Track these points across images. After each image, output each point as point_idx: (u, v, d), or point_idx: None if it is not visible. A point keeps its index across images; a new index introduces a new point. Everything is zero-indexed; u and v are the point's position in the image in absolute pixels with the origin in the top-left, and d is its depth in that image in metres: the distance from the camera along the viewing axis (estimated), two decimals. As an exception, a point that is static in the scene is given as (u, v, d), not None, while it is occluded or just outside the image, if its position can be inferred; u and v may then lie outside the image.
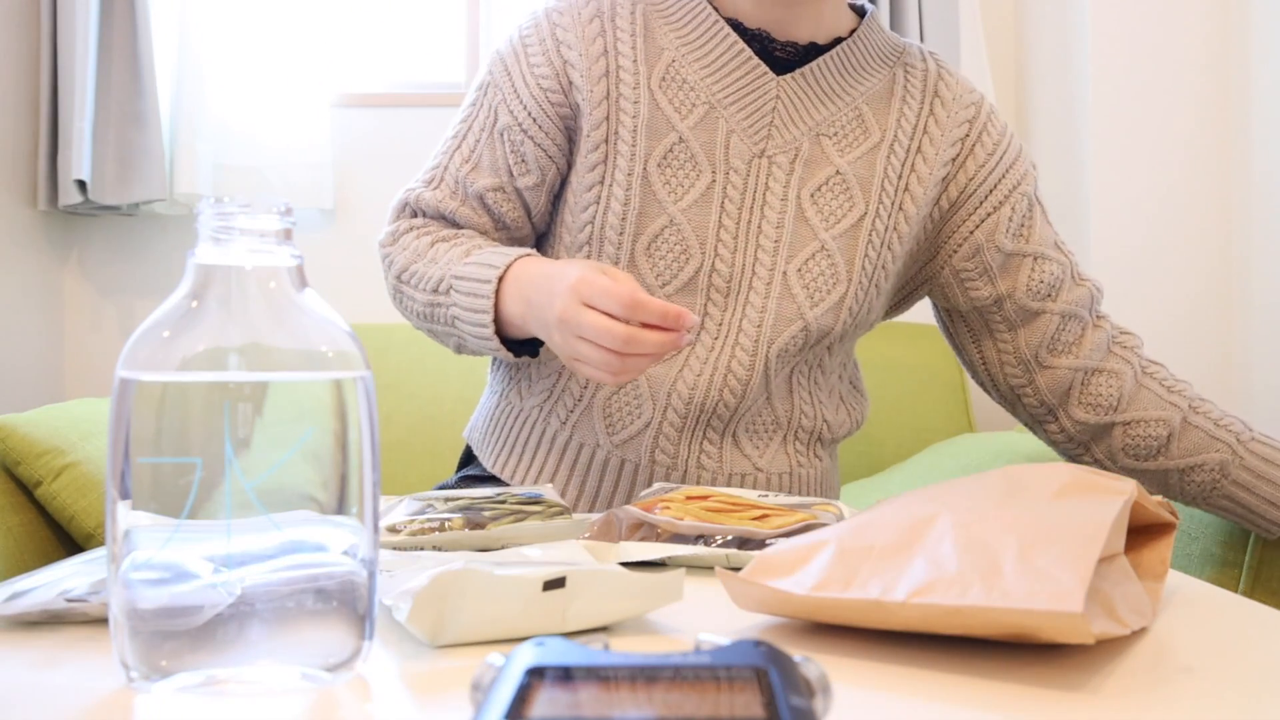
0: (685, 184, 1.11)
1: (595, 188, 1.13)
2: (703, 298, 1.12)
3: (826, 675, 0.42)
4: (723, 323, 1.12)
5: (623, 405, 1.13)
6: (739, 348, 1.11)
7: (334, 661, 0.53)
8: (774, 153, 1.12)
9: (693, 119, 1.11)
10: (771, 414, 1.15)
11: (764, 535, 0.78)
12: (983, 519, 0.60)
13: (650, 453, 1.13)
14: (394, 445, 2.06)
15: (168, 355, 0.52)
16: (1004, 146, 1.19)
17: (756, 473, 1.15)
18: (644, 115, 1.11)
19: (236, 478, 0.51)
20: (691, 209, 1.11)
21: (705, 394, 1.11)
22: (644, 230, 1.11)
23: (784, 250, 1.12)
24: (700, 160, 1.11)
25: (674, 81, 1.12)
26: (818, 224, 1.12)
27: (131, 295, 2.45)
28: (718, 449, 1.13)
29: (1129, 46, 2.19)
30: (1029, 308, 1.18)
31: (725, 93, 1.12)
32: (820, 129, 1.13)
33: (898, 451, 2.24)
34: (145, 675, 0.51)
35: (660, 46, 1.13)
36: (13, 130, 2.25)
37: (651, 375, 1.11)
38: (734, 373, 1.11)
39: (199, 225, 0.54)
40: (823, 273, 1.12)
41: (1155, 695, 0.51)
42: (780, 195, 1.12)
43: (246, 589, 0.51)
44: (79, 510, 1.65)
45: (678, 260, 1.11)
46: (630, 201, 1.11)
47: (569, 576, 0.58)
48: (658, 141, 1.11)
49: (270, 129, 2.36)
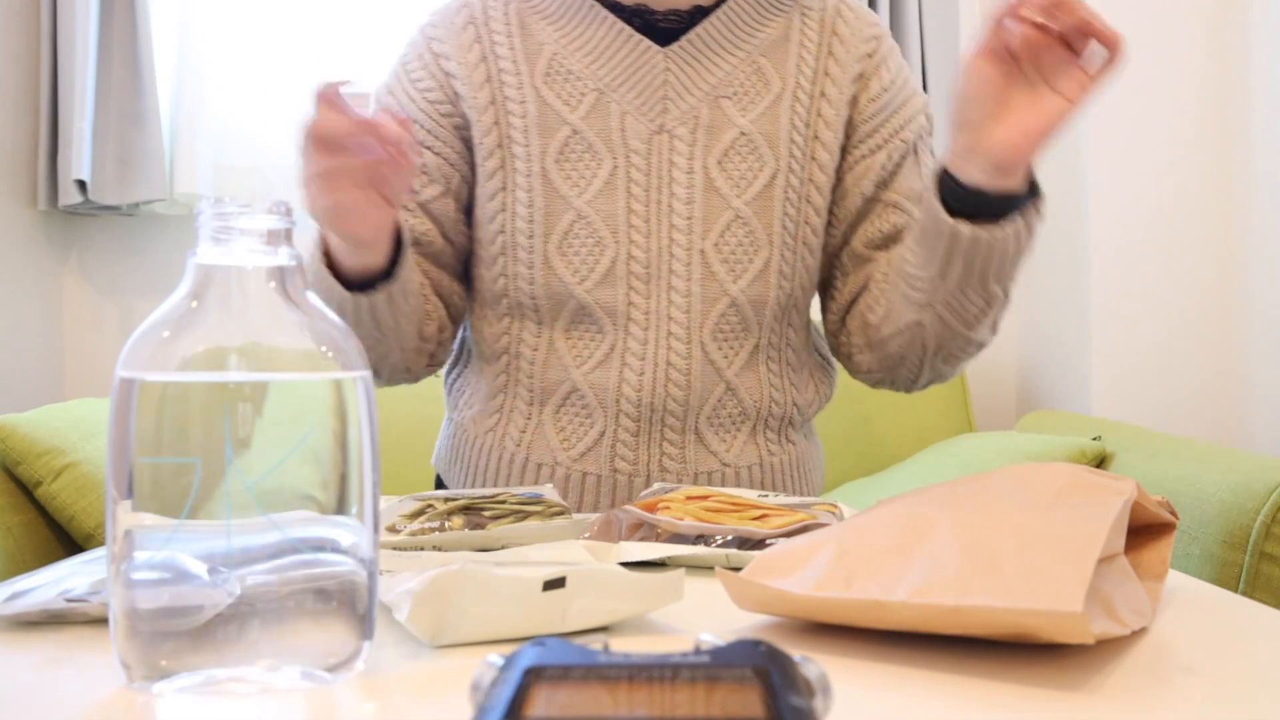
0: (587, 175, 1.09)
1: (498, 195, 1.11)
2: (624, 287, 1.08)
3: (826, 675, 0.42)
4: (649, 311, 1.09)
5: (573, 418, 1.11)
6: (672, 337, 1.09)
7: (334, 661, 0.53)
8: (672, 126, 1.09)
9: (583, 108, 1.09)
10: (737, 404, 1.12)
11: (764, 535, 0.78)
12: (983, 519, 0.60)
13: (610, 462, 1.10)
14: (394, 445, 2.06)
15: (168, 355, 0.52)
16: (896, 88, 1.14)
17: (724, 469, 1.12)
18: (532, 114, 1.09)
19: (236, 478, 0.51)
20: (598, 199, 1.08)
21: (651, 393, 1.08)
22: (553, 229, 1.09)
23: (698, 226, 1.09)
24: (598, 148, 1.09)
25: (558, 74, 1.10)
26: (728, 192, 1.09)
27: (131, 295, 2.45)
28: (679, 449, 1.11)
29: (1129, 46, 2.19)
30: (861, 255, 1.14)
31: (612, 75, 1.09)
32: (718, 91, 1.10)
33: (898, 451, 2.24)
34: (145, 675, 0.51)
35: (539, 42, 1.11)
36: (13, 130, 2.25)
37: (595, 382, 1.09)
38: (673, 364, 1.09)
39: (199, 225, 0.54)
40: (741, 243, 1.09)
41: (1155, 695, 0.51)
42: (686, 169, 1.09)
43: (246, 589, 0.51)
44: (79, 510, 1.65)
45: (592, 254, 1.08)
46: (534, 203, 1.09)
47: (569, 576, 0.58)
48: (551, 137, 1.09)
49: (270, 129, 2.36)
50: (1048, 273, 2.40)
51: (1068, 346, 2.32)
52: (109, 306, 2.45)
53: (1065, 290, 2.32)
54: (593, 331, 1.10)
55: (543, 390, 1.12)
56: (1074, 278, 2.28)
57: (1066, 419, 2.11)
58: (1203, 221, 2.20)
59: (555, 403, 1.11)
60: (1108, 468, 1.78)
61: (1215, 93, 2.18)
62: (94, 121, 2.22)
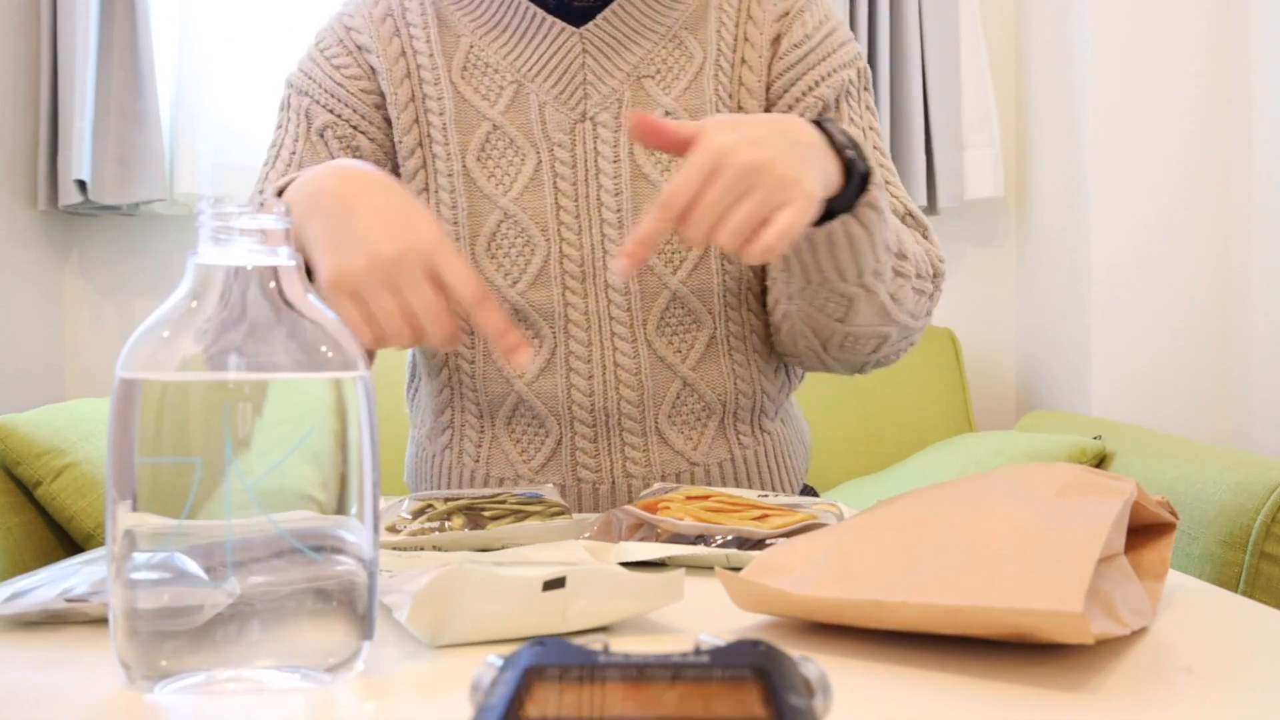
0: (511, 172, 1.04)
1: (420, 195, 1.06)
2: (559, 288, 1.04)
3: (826, 675, 0.42)
4: (588, 312, 1.04)
5: (527, 428, 1.07)
6: (616, 337, 1.04)
7: (334, 661, 0.53)
8: (594, 112, 1.04)
9: (502, 102, 1.05)
10: (698, 399, 1.07)
11: (764, 535, 0.78)
12: (983, 519, 0.60)
13: (572, 471, 1.06)
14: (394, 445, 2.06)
15: (168, 355, 0.52)
16: (812, 43, 1.07)
17: (692, 468, 1.08)
18: (450, 110, 1.05)
19: (236, 478, 0.51)
20: (523, 196, 1.04)
21: (603, 397, 1.04)
22: (480, 230, 1.04)
23: (628, 219, 1.04)
24: (520, 143, 1.04)
25: (476, 68, 1.06)
26: (658, 178, 1.04)
27: (131, 295, 2.45)
28: (642, 452, 1.06)
29: (1129, 46, 2.19)
30: None
31: (529, 65, 1.05)
32: (639, 70, 1.05)
33: (898, 451, 2.24)
34: (145, 675, 0.51)
35: (456, 34, 1.07)
36: (13, 130, 2.25)
37: (541, 391, 1.05)
38: (621, 365, 1.04)
39: (199, 225, 0.54)
40: None
41: (1155, 695, 0.51)
42: (612, 158, 1.04)
43: (246, 589, 0.51)
44: (79, 510, 1.65)
45: (522, 254, 1.04)
46: (458, 204, 1.05)
47: (569, 576, 0.58)
48: (470, 134, 1.05)
49: (270, 129, 2.36)
50: (1048, 273, 2.41)
51: (1068, 346, 2.32)
52: (109, 306, 2.45)
53: (1065, 290, 2.32)
54: (529, 337, 1.05)
55: (489, 403, 1.08)
56: (1074, 278, 2.28)
57: (1066, 419, 2.11)
58: (1203, 222, 2.20)
59: (505, 415, 1.08)
60: (1108, 468, 1.78)
61: (1215, 93, 2.19)
62: (94, 121, 2.22)
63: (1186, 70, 2.19)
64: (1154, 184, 2.20)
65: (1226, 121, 2.18)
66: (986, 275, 2.56)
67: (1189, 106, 2.19)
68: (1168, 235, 2.20)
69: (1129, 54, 2.20)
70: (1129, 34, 2.19)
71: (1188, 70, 2.19)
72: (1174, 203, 2.20)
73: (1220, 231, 2.20)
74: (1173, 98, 2.19)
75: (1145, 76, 2.19)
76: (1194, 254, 2.20)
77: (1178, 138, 2.19)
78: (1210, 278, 2.20)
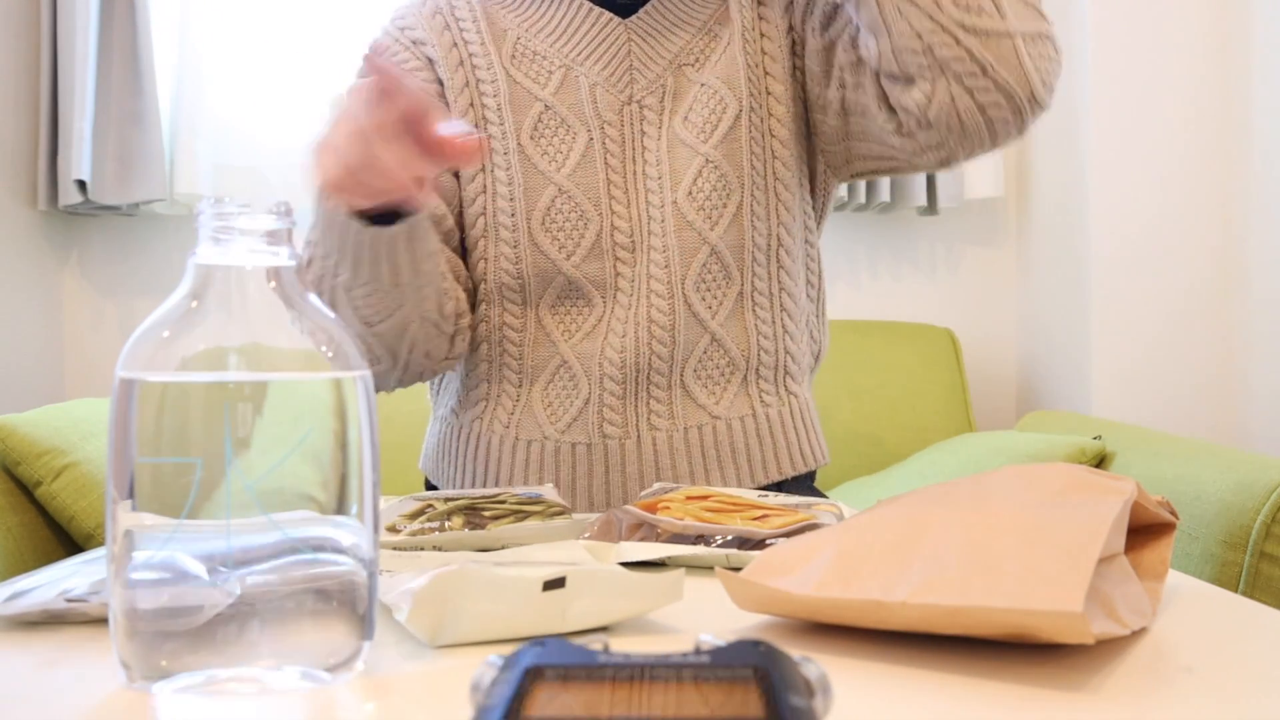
0: (564, 149, 1.10)
1: (478, 176, 1.12)
2: (610, 259, 1.10)
3: (826, 675, 0.42)
4: (634, 279, 1.10)
5: (559, 389, 1.11)
6: (654, 294, 1.09)
7: (334, 661, 0.53)
8: (641, 95, 1.11)
9: (552, 85, 1.11)
10: (723, 355, 1.12)
11: (764, 535, 0.77)
12: (983, 519, 0.60)
13: (599, 428, 1.10)
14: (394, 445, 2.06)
15: (168, 355, 0.52)
16: None
17: (714, 421, 1.12)
18: (504, 92, 1.11)
19: (236, 478, 0.51)
20: (576, 172, 1.10)
21: (635, 353, 1.09)
22: (535, 206, 1.10)
23: (668, 181, 1.10)
24: (571, 122, 1.11)
25: (524, 56, 1.12)
26: (695, 141, 1.11)
27: (131, 295, 2.45)
28: (667, 406, 1.11)
29: (1129, 46, 2.19)
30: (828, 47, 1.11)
31: (577, 51, 1.12)
32: (680, 59, 1.12)
33: (898, 451, 2.24)
34: (145, 675, 0.51)
35: (503, 29, 1.14)
36: (13, 130, 2.25)
37: (579, 351, 1.10)
38: (655, 321, 1.09)
39: (199, 225, 0.54)
40: (715, 188, 1.10)
41: (1155, 695, 0.51)
42: (655, 136, 1.11)
43: (246, 589, 0.51)
44: (79, 510, 1.65)
45: (576, 228, 1.10)
46: (514, 180, 1.10)
47: (569, 576, 0.58)
48: (524, 114, 1.11)
49: (270, 129, 2.36)
50: (1048, 272, 2.41)
51: (1068, 346, 2.32)
52: (109, 306, 2.45)
53: (1065, 290, 2.32)
54: (580, 305, 1.11)
55: (532, 370, 1.12)
56: (1074, 277, 2.28)
57: (1066, 419, 2.11)
58: (1203, 221, 2.20)
59: (545, 379, 1.12)
60: (1108, 467, 1.78)
61: (1215, 92, 2.18)
62: (94, 121, 2.22)
63: (1186, 70, 2.19)
64: (1153, 184, 2.20)
65: (1226, 121, 2.18)
66: (986, 275, 2.56)
67: (1188, 106, 2.19)
68: (1167, 235, 2.20)
69: (1129, 54, 2.20)
70: (1129, 34, 2.19)
71: (1187, 70, 2.19)
72: (1173, 202, 2.20)
73: (1220, 231, 2.20)
74: (1172, 97, 2.19)
75: (1145, 76, 2.19)
76: (1194, 253, 2.20)
77: (1177, 137, 2.19)
78: (1210, 277, 2.20)
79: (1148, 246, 2.20)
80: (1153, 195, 2.20)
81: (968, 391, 2.34)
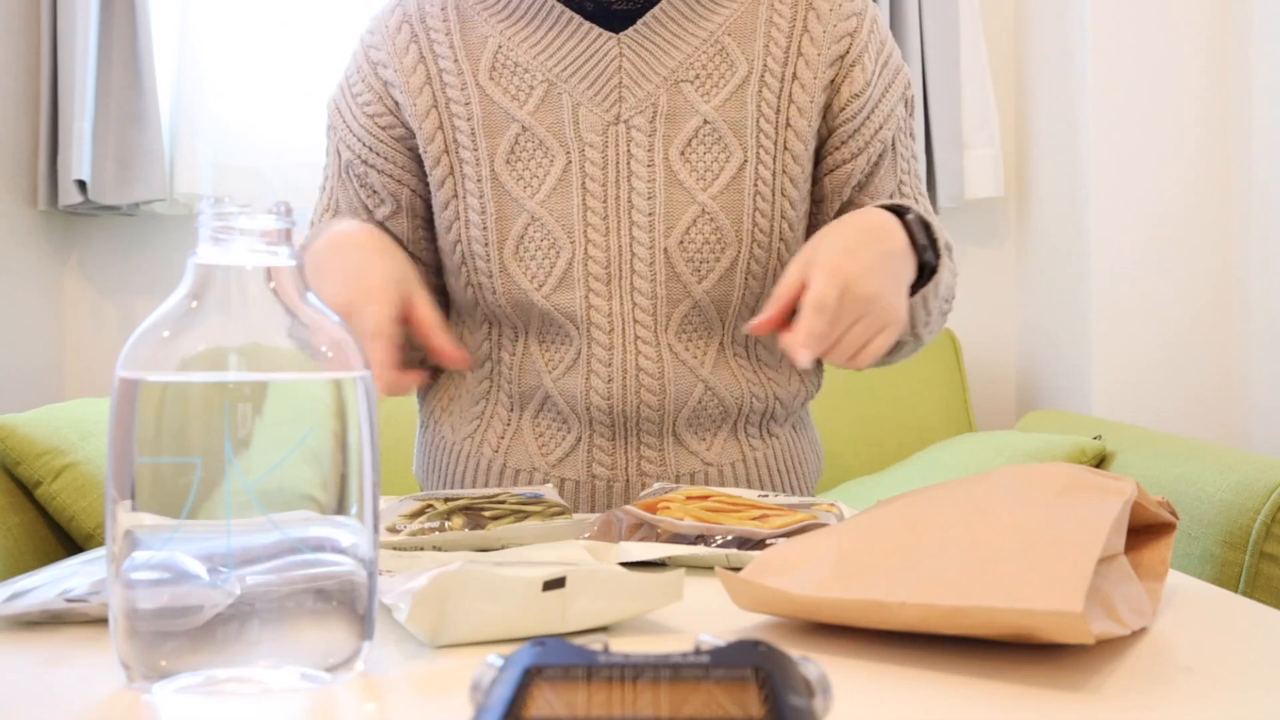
0: (539, 174, 1.03)
1: (450, 204, 1.07)
2: (582, 290, 1.03)
3: (826, 675, 0.42)
4: (612, 315, 1.04)
5: (548, 422, 1.08)
6: (639, 340, 1.04)
7: (334, 661, 0.53)
8: (629, 115, 1.03)
9: (532, 102, 1.04)
10: (718, 404, 1.07)
11: (764, 535, 0.77)
12: (983, 519, 0.60)
13: (588, 467, 1.07)
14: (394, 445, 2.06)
15: (168, 355, 0.52)
16: (882, 79, 1.07)
17: (706, 468, 1.09)
18: (478, 114, 1.04)
19: (236, 478, 0.51)
20: (550, 198, 1.03)
21: (622, 400, 1.04)
22: (507, 234, 1.04)
23: (660, 224, 1.03)
24: (549, 144, 1.03)
25: (504, 68, 1.04)
26: (693, 185, 1.03)
27: (131, 295, 2.45)
28: (658, 452, 1.07)
29: (1129, 46, 2.19)
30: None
31: (562, 66, 1.04)
32: (677, 75, 1.03)
33: (898, 451, 2.24)
34: (145, 675, 0.51)
35: (483, 35, 1.06)
36: (13, 130, 2.25)
37: (560, 387, 1.06)
38: (644, 369, 1.04)
39: (199, 225, 0.54)
40: (706, 241, 1.03)
41: (1155, 695, 0.51)
42: (645, 162, 1.03)
43: (246, 589, 0.51)
44: (79, 510, 1.65)
45: (547, 257, 1.03)
46: (486, 209, 1.04)
47: (569, 576, 0.58)
48: (499, 137, 1.04)
49: (270, 129, 2.36)
50: (1048, 272, 2.41)
51: (1068, 346, 2.32)
52: (109, 306, 2.45)
53: (1065, 290, 2.32)
54: (560, 338, 1.06)
55: (521, 396, 1.09)
56: (1074, 277, 2.28)
57: (1066, 419, 2.11)
58: (1203, 222, 2.20)
59: (533, 409, 1.09)
60: (1108, 468, 1.78)
61: (1215, 92, 2.18)
62: (94, 121, 2.22)
63: (1186, 70, 2.19)
64: (1154, 184, 2.20)
65: (1227, 121, 2.18)
66: (986, 275, 2.56)
67: (1189, 106, 2.19)
68: (1168, 235, 2.20)
69: (1129, 54, 2.19)
70: (1129, 34, 2.19)
71: (1188, 70, 2.19)
72: (1174, 202, 2.20)
73: (1220, 231, 2.20)
74: (1173, 97, 2.19)
75: (1145, 76, 2.19)
76: (1194, 253, 2.20)
77: (1178, 137, 2.19)
78: (1210, 277, 2.20)
79: (1148, 246, 2.20)
80: (1153, 195, 2.20)
81: (968, 391, 2.34)
